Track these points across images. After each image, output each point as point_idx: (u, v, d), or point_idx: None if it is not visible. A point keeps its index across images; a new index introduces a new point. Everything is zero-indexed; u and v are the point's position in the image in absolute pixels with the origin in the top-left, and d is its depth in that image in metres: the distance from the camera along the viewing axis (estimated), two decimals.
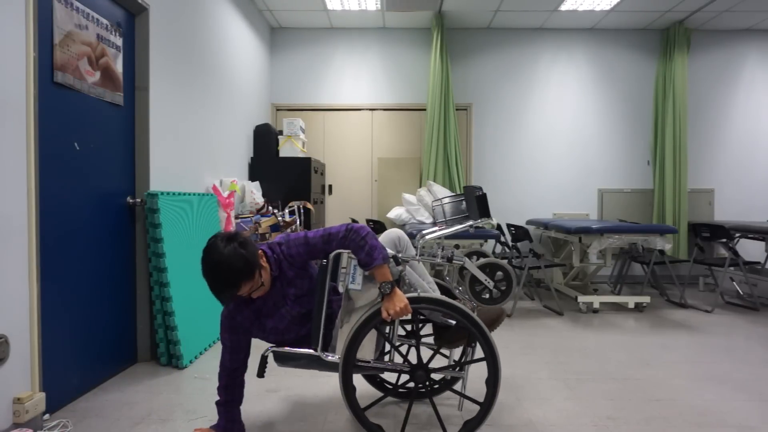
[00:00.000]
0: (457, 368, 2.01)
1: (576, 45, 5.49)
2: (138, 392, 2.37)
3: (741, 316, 3.97)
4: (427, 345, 2.15)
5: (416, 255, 2.04)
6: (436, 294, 1.84)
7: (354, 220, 5.12)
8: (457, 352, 2.33)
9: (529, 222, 5.29)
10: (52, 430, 1.97)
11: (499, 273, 2.08)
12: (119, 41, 2.62)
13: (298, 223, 4.28)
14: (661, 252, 4.33)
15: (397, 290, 1.73)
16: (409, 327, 2.38)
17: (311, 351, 1.79)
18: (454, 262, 2.01)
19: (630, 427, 2.03)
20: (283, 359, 1.82)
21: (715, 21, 5.20)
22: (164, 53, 2.97)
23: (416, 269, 2.06)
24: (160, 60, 2.92)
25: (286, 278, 1.78)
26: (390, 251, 1.87)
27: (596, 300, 4.08)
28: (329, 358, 1.79)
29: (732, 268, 4.36)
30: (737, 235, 4.55)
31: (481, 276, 2.01)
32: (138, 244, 2.77)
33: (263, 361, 1.83)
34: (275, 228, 4.17)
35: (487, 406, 1.80)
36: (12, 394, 1.87)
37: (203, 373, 2.63)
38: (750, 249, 5.42)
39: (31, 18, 1.95)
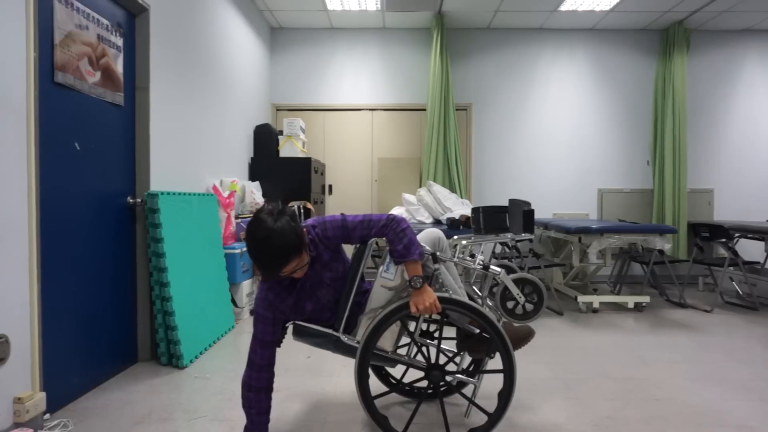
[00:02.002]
0: (476, 376, 2.01)
1: (576, 45, 5.49)
2: (138, 392, 2.37)
3: (740, 316, 3.97)
4: (446, 350, 2.14)
5: (454, 257, 2.03)
6: (466, 299, 1.84)
7: None
8: (467, 358, 2.34)
9: None
10: (52, 429, 1.97)
11: (530, 289, 2.08)
12: (120, 41, 2.62)
13: None
14: (661, 252, 4.33)
15: (427, 286, 1.73)
16: (431, 327, 2.37)
17: (331, 331, 1.80)
18: (489, 271, 2.01)
19: (630, 427, 2.04)
20: (301, 333, 1.82)
21: (714, 21, 5.20)
22: (165, 53, 2.97)
23: (450, 271, 2.07)
24: (160, 60, 2.92)
25: (322, 261, 1.77)
26: (428, 249, 1.88)
27: (596, 300, 4.09)
28: (348, 341, 1.80)
29: (731, 268, 4.36)
30: (737, 235, 4.55)
31: (515, 290, 2.00)
32: (138, 244, 2.77)
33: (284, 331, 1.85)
34: None
35: (495, 417, 1.80)
36: (12, 393, 1.87)
37: (203, 372, 2.63)
38: (749, 249, 5.43)
39: (32, 18, 1.95)
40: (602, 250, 4.04)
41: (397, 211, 4.90)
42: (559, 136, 5.51)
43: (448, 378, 1.88)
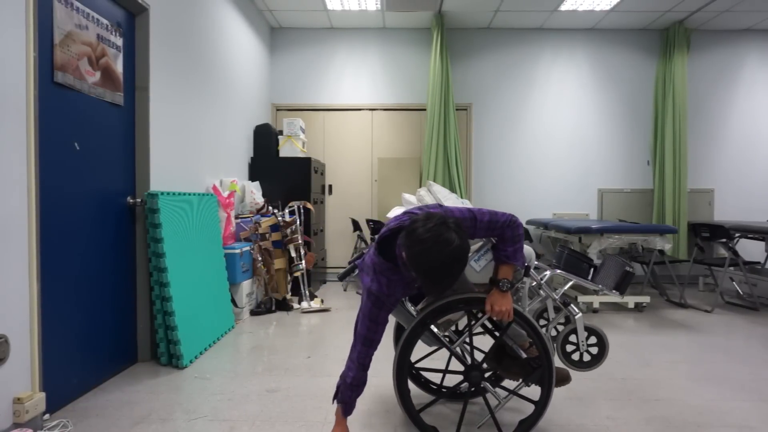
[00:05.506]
0: (507, 394, 2.00)
1: (576, 45, 5.49)
2: (138, 392, 2.37)
3: (741, 316, 3.97)
4: (488, 369, 2.10)
5: (541, 280, 2.02)
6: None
7: (354, 221, 5.12)
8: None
9: (529, 222, 5.29)
10: (52, 430, 1.97)
11: (594, 341, 2.06)
12: (119, 41, 2.62)
13: (298, 223, 4.28)
14: (661, 252, 4.33)
15: (509, 294, 1.73)
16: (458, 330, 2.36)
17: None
18: (569, 308, 2.00)
19: (630, 427, 2.04)
20: None
21: (715, 21, 5.20)
22: (164, 53, 2.97)
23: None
24: (160, 60, 2.92)
25: None
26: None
27: (596, 300, 4.08)
28: (410, 306, 1.85)
29: (732, 268, 4.36)
30: (737, 235, 4.55)
31: (583, 336, 1.98)
32: (138, 244, 2.77)
33: (352, 270, 1.90)
34: (275, 228, 4.17)
35: None
36: (12, 394, 1.87)
37: (203, 373, 2.63)
38: (750, 249, 5.42)
39: (32, 18, 1.95)
40: (602, 250, 4.03)
41: (397, 210, 4.88)
42: (559, 136, 5.51)
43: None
